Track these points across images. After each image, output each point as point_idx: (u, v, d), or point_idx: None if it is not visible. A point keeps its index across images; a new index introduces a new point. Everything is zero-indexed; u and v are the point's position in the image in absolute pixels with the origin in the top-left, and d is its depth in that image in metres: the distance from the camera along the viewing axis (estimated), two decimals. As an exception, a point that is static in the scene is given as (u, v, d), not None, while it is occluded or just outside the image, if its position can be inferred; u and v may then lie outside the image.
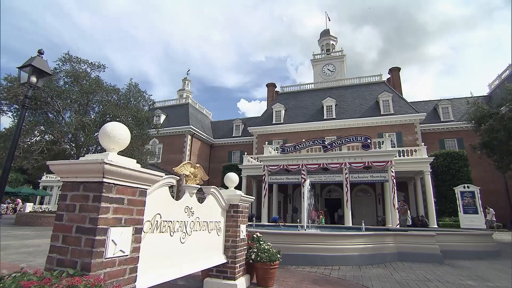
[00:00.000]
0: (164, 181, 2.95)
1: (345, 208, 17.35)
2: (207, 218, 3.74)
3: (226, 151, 31.54)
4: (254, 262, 4.19)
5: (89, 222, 1.98)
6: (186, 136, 28.53)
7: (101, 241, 1.97)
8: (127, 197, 2.25)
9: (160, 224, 2.88)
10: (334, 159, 18.18)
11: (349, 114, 26.20)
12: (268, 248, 4.33)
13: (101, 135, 2.25)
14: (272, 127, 27.49)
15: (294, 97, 30.40)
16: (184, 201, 3.37)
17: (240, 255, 4.11)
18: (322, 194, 24.69)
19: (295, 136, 25.99)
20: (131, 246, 2.23)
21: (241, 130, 32.79)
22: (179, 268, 3.04)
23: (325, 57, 34.58)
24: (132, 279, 2.22)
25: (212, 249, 3.78)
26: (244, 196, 4.33)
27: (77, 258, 1.92)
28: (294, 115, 28.25)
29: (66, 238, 2.01)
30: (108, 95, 14.35)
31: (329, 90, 29.49)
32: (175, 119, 30.36)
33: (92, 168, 2.02)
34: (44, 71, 4.64)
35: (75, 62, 13.49)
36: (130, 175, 2.22)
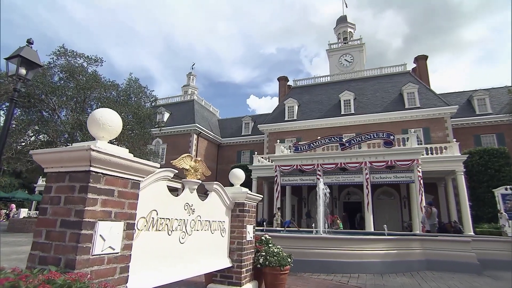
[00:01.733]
0: (161, 175, 2.91)
1: (366, 212, 17.03)
2: (210, 217, 3.69)
3: (235, 151, 31.59)
4: (262, 267, 4.12)
5: (75, 215, 1.95)
6: (192, 135, 28.74)
7: (87, 235, 1.93)
8: (118, 189, 2.21)
9: (157, 221, 2.84)
10: (352, 158, 17.87)
11: (369, 109, 25.70)
12: (277, 251, 4.24)
13: (89, 122, 2.22)
14: (284, 124, 27.30)
15: (308, 91, 30.11)
16: (184, 197, 3.32)
17: (246, 259, 4.04)
18: (340, 197, 24.33)
19: (309, 134, 25.71)
20: (122, 243, 2.19)
21: (251, 128, 32.75)
22: (177, 271, 2.99)
23: (342, 47, 34.09)
24: (123, 280, 2.17)
25: (215, 252, 3.72)
26: (251, 193, 4.25)
27: (61, 255, 1.88)
28: (308, 110, 27.97)
29: (50, 234, 1.98)
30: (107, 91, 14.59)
31: (346, 83, 29.03)
32: (179, 117, 30.66)
33: (78, 155, 1.98)
34: (34, 62, 4.71)
35: (70, 56, 13.78)
36: (121, 164, 2.18)
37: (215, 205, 3.87)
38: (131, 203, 2.33)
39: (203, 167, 3.74)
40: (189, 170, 3.45)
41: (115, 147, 2.22)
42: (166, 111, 30.84)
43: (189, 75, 38.79)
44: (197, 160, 3.65)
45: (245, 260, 4.00)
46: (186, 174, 3.46)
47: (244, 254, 3.99)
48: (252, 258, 4.24)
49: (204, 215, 3.57)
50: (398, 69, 28.36)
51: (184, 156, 3.45)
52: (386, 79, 28.00)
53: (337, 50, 34.15)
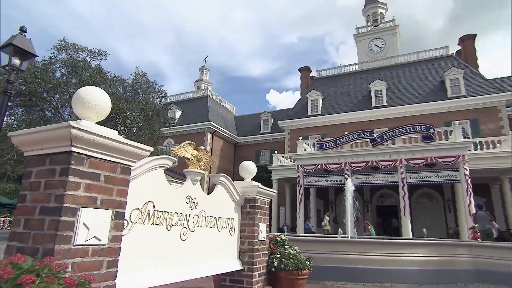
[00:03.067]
0: (157, 162, 2.87)
1: (403, 217, 16.38)
2: (216, 213, 3.61)
3: (253, 151, 31.57)
4: (277, 271, 4.00)
5: (55, 200, 1.92)
6: (206, 134, 29.03)
7: (68, 223, 1.89)
8: (105, 173, 2.17)
9: (153, 214, 2.79)
10: (385, 155, 17.26)
11: (404, 100, 24.80)
12: (294, 253, 4.11)
13: (73, 101, 2.20)
14: (307, 120, 26.93)
15: (333, 82, 29.55)
16: (186, 189, 3.26)
17: (259, 261, 3.94)
18: (373, 201, 23.63)
19: (335, 130, 25.17)
20: (110, 233, 2.14)
21: (270, 126, 32.61)
22: (178, 271, 2.93)
23: (371, 30, 33.20)
24: (111, 275, 2.12)
25: (223, 252, 3.65)
26: (263, 188, 4.14)
27: (39, 245, 1.86)
28: (334, 104, 27.43)
29: (29, 222, 1.96)
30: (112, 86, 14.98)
31: (377, 71, 28.21)
32: (192, 114, 31.09)
33: (58, 134, 1.96)
34: (28, 52, 4.84)
35: (72, 50, 14.27)
36: (107, 145, 2.14)
37: (222, 200, 3.79)
38: (121, 190, 2.28)
39: (208, 157, 3.67)
40: (191, 159, 3.39)
41: (102, 127, 2.18)
42: (178, 108, 31.36)
43: (202, 69, 39.27)
44: (200, 149, 3.59)
45: (257, 262, 3.90)
46: (188, 164, 3.40)
47: (256, 255, 3.89)
48: (266, 261, 4.14)
49: (209, 210, 3.50)
50: (439, 52, 27.14)
51: (185, 143, 3.40)
52: (425, 64, 26.90)
53: (366, 35, 33.29)
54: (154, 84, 17.48)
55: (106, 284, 2.08)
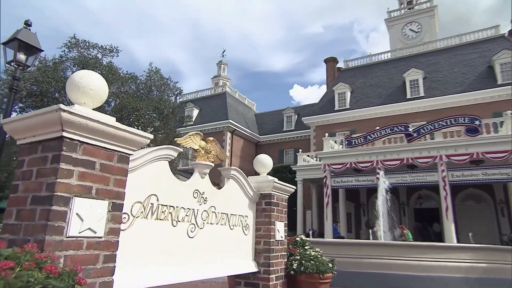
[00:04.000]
0: (161, 153, 2.86)
1: (445, 221, 15.69)
2: (228, 209, 3.57)
3: (276, 150, 31.47)
4: (297, 274, 3.93)
5: (46, 189, 1.93)
6: (225, 133, 29.27)
7: (60, 212, 1.90)
8: (100, 161, 2.17)
9: (157, 208, 2.78)
10: (423, 151, 16.62)
11: (444, 89, 23.79)
12: (315, 254, 4.00)
13: (67, 86, 2.23)
14: (334, 115, 26.51)
15: (362, 73, 28.91)
16: (193, 183, 3.24)
17: (276, 263, 3.86)
18: (410, 203, 22.82)
19: (366, 125, 24.56)
20: (107, 226, 2.14)
21: (294, 123, 32.40)
22: (185, 270, 2.91)
23: (405, 14, 32.16)
24: (108, 271, 2.11)
25: (236, 252, 3.61)
26: (279, 183, 4.06)
27: (30, 236, 1.87)
28: (363, 96, 26.82)
29: (20, 213, 1.99)
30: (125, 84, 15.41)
31: (413, 59, 27.28)
32: (210, 113, 31.45)
33: (48, 119, 1.97)
34: (33, 46, 5.03)
35: (83, 47, 14.83)
36: (102, 131, 2.13)
37: (234, 196, 3.75)
38: (118, 179, 2.27)
39: (218, 149, 3.63)
40: (199, 151, 3.37)
41: (97, 112, 2.18)
42: (195, 107, 31.83)
43: (219, 63, 39.65)
44: (209, 140, 3.56)
45: (274, 264, 3.83)
46: (196, 156, 3.38)
47: (272, 256, 3.82)
48: (284, 263, 4.07)
49: (219, 206, 3.46)
50: (486, 33, 25.77)
51: (192, 133, 3.38)
52: (469, 48, 25.66)
53: (400, 18, 32.31)
54: (169, 81, 17.84)
55: (102, 280, 2.08)
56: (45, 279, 1.30)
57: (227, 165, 5.10)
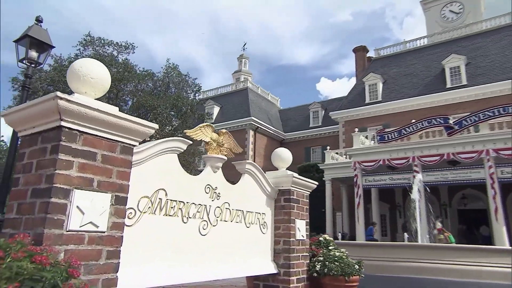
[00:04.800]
0: (168, 145, 2.86)
1: (494, 222, 14.90)
2: (243, 206, 3.55)
3: (302, 148, 31.21)
4: (320, 276, 3.85)
5: (45, 181, 1.96)
6: (247, 131, 29.35)
7: (59, 205, 1.92)
8: (102, 152, 2.19)
9: (166, 204, 2.78)
10: (466, 145, 15.88)
11: (491, 76, 22.64)
12: (340, 255, 3.89)
13: (68, 75, 2.26)
14: (365, 109, 25.92)
15: (396, 62, 28.10)
16: (205, 177, 3.23)
17: (297, 264, 3.80)
18: (452, 204, 21.90)
19: (400, 119, 23.83)
20: (110, 220, 2.15)
21: (321, 118, 32.00)
22: (197, 269, 2.90)
23: (443, -6, 30.86)
24: (112, 267, 2.13)
25: (253, 251, 3.58)
26: (299, 177, 3.99)
27: (29, 230, 1.91)
28: (397, 87, 26.05)
29: (21, 207, 2.03)
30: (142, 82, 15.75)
31: (453, 43, 26.17)
32: (231, 110, 31.64)
33: (46, 107, 2.00)
34: (44, 43, 5.21)
35: (98, 44, 15.30)
36: (102, 120, 2.15)
37: (250, 192, 3.71)
38: (121, 171, 2.28)
39: (231, 142, 3.61)
40: (210, 143, 3.35)
41: (97, 101, 2.20)
42: (215, 104, 32.13)
43: (240, 58, 39.83)
44: (221, 132, 3.54)
45: (295, 265, 3.77)
46: (207, 149, 3.37)
47: (293, 257, 3.76)
48: (306, 264, 4.00)
49: (234, 202, 3.43)
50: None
51: (202, 125, 3.36)
52: (522, 28, 24.25)
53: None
54: (187, 77, 18.07)
55: (106, 277, 2.09)
56: (36, 270, 1.30)
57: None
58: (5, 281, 1.23)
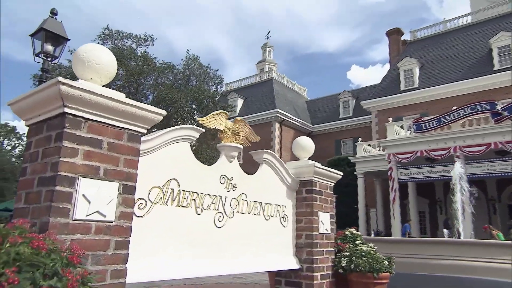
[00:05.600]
0: (180, 133, 2.89)
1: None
2: (261, 197, 3.54)
3: (332, 141, 30.81)
4: (346, 272, 3.78)
5: (51, 169, 2.02)
6: (273, 124, 29.29)
7: (64, 193, 1.97)
8: (108, 140, 2.23)
9: (178, 194, 2.81)
10: (516, 133, 15.06)
11: (544, 56, 21.31)
12: (368, 250, 3.80)
13: (73, 62, 2.33)
14: (400, 97, 25.19)
15: (434, 44, 27.08)
16: (219, 167, 3.24)
17: (321, 259, 3.77)
18: (502, 198, 20.93)
19: (439, 106, 22.97)
20: (117, 209, 2.19)
21: (352, 108, 31.44)
22: (212, 262, 2.92)
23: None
24: (120, 258, 2.17)
25: (273, 246, 3.58)
26: (321, 167, 3.94)
27: (36, 219, 1.97)
28: (436, 72, 25.11)
29: (28, 196, 2.11)
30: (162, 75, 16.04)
31: (502, 20, 24.85)
32: (256, 102, 31.66)
33: (49, 94, 2.05)
34: (60, 36, 5.38)
35: (117, 38, 15.70)
36: (106, 106, 2.18)
37: (269, 183, 3.70)
38: (129, 160, 2.32)
39: (247, 130, 3.60)
40: (225, 131, 3.35)
41: (101, 86, 2.23)
42: (239, 96, 32.25)
43: (264, 47, 39.70)
44: (237, 120, 3.53)
45: (319, 260, 3.73)
46: (221, 137, 3.37)
47: (316, 252, 3.72)
48: (332, 260, 3.95)
49: (251, 194, 3.43)
50: None
51: (216, 113, 3.36)
52: None
53: (481, -27, 29.52)
54: (208, 69, 18.23)
55: (114, 267, 2.13)
56: (33, 256, 1.34)
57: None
58: (3, 265, 1.26)
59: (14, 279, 1.23)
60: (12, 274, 1.24)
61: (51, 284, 1.34)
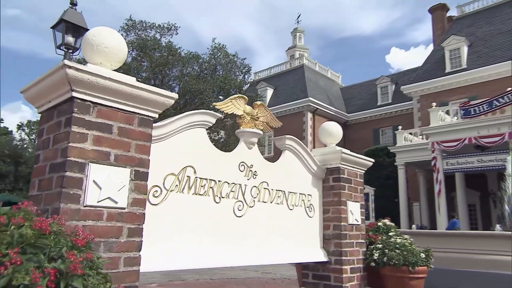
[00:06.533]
0: (195, 118, 2.92)
1: None
2: (284, 186, 3.53)
3: (369, 130, 30.18)
4: (379, 266, 3.70)
5: (61, 155, 2.10)
6: (305, 114, 29.04)
7: (74, 179, 2.04)
8: (118, 125, 2.28)
9: (195, 182, 2.85)
10: None
11: None
12: (402, 242, 3.70)
13: (82, 46, 2.41)
14: (445, 80, 24.22)
15: (486, 19, 25.79)
16: (238, 154, 3.26)
17: (350, 252, 3.72)
18: None
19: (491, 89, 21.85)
20: (129, 196, 2.25)
21: (391, 94, 30.60)
22: (231, 253, 2.95)
23: None
24: (134, 246, 2.23)
25: (297, 236, 3.58)
26: (349, 153, 3.88)
27: (48, 205, 2.06)
28: (487, 50, 23.91)
29: (41, 183, 2.21)
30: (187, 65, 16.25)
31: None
32: (286, 91, 31.49)
33: (56, 79, 2.12)
34: (80, 27, 5.56)
35: (140, 28, 16.04)
36: (116, 90, 2.23)
37: (292, 170, 3.68)
38: (141, 145, 2.37)
39: (268, 115, 3.58)
40: (243, 117, 3.34)
41: (110, 70, 2.28)
42: (268, 86, 32.20)
43: (294, 32, 39.27)
44: (256, 105, 3.52)
45: (348, 253, 3.68)
46: (240, 123, 3.37)
47: (345, 244, 3.67)
48: (363, 253, 3.89)
49: (273, 182, 3.43)
50: None
51: (234, 97, 3.36)
52: None
53: None
54: (235, 58, 18.29)
55: (128, 255, 2.19)
56: (36, 237, 1.39)
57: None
58: (6, 246, 1.32)
59: (16, 259, 1.29)
60: (14, 255, 1.29)
61: (55, 266, 1.39)
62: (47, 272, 1.34)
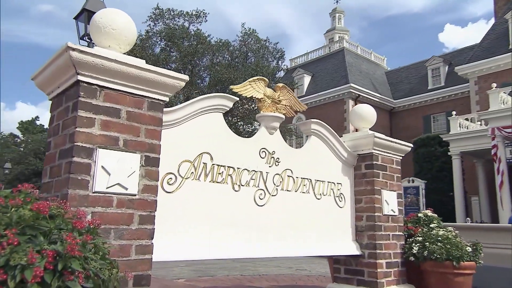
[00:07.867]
0: (210, 103, 2.96)
1: None
2: (310, 174, 3.51)
3: (419, 117, 29.20)
4: (419, 261, 3.58)
5: (69, 140, 2.19)
6: (346, 101, 28.51)
7: (82, 165, 2.13)
8: (127, 109, 2.35)
9: (212, 169, 2.89)
10: None
11: None
12: (446, 235, 3.56)
13: (90, 28, 2.49)
14: (507, 57, 22.83)
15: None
16: (259, 140, 3.26)
17: (386, 245, 3.65)
18: None
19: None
20: (140, 182, 2.32)
21: (444, 77, 29.37)
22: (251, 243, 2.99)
23: None
24: (146, 234, 2.29)
25: (326, 228, 3.56)
26: (383, 138, 3.81)
27: (58, 192, 2.17)
28: (556, 22, 22.28)
29: (52, 170, 2.33)
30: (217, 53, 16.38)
31: None
32: (325, 78, 31.06)
33: (62, 62, 2.21)
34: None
35: (168, 17, 16.31)
36: (123, 72, 2.30)
37: (319, 157, 3.66)
38: (151, 130, 2.43)
39: (291, 98, 3.56)
40: (264, 100, 3.34)
41: (117, 53, 2.35)
42: (306, 73, 31.90)
43: (333, 12, 38.58)
44: (278, 87, 3.50)
45: (383, 246, 3.61)
46: (260, 106, 3.37)
47: (380, 236, 3.60)
48: (401, 246, 3.80)
49: (298, 169, 3.42)
50: None
51: (253, 79, 3.37)
52: None
53: None
54: (267, 43, 18.25)
55: (139, 243, 2.27)
56: (33, 219, 1.47)
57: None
58: (5, 227, 1.41)
59: (14, 240, 1.36)
60: (12, 236, 1.37)
61: (54, 248, 1.46)
62: (46, 253, 1.41)
